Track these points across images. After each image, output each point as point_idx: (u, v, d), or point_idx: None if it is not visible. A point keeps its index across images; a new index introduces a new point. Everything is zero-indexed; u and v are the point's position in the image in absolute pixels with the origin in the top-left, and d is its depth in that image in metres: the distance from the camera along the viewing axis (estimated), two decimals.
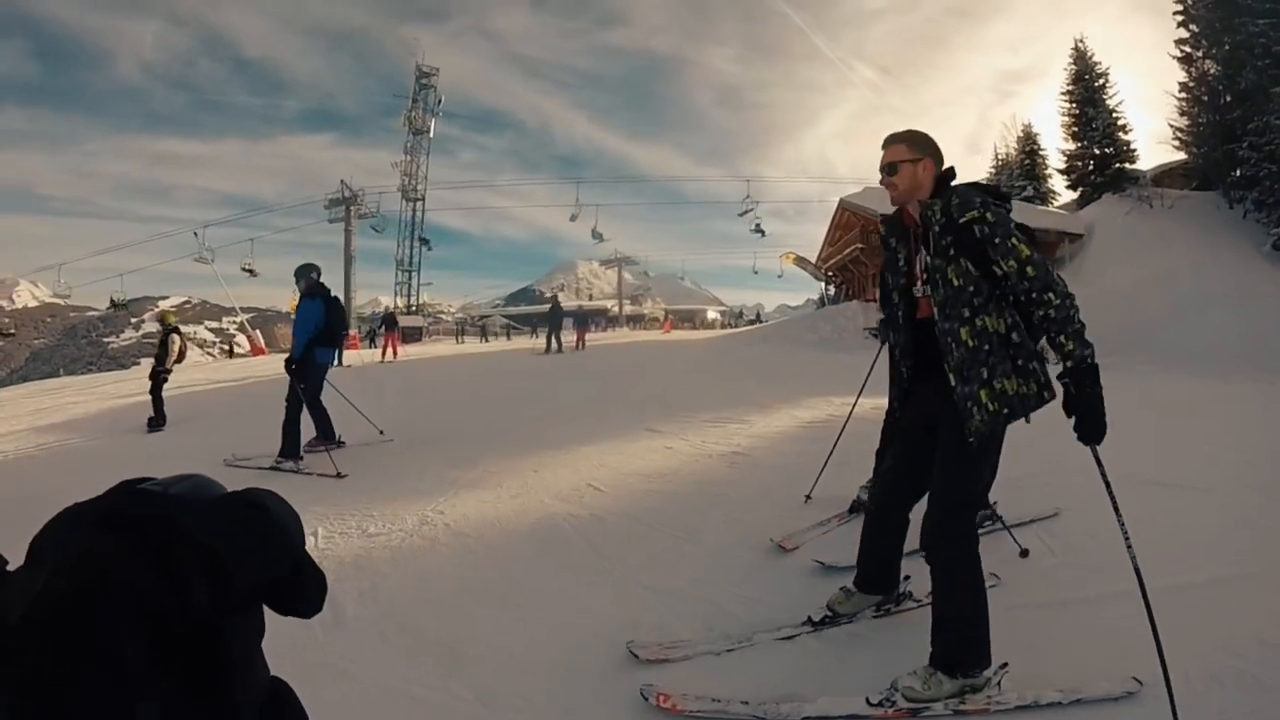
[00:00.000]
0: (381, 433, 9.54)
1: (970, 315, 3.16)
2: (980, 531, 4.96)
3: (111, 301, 56.52)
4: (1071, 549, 4.72)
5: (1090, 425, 3.10)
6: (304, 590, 1.08)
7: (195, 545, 0.87)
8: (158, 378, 12.17)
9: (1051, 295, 3.03)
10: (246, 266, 54.97)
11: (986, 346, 3.15)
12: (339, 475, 7.19)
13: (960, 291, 3.17)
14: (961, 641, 3.20)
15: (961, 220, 3.15)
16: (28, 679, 0.70)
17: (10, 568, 0.83)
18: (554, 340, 26.46)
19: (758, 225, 55.38)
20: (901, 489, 3.76)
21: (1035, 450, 7.33)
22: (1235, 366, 17.45)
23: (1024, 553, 4.72)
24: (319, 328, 8.45)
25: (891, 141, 3.43)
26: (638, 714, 3.14)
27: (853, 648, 3.60)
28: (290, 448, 8.04)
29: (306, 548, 1.12)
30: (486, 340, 54.95)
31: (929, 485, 3.46)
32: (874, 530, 3.90)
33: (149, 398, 12.01)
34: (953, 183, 3.38)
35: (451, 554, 5.06)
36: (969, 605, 3.22)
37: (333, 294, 8.81)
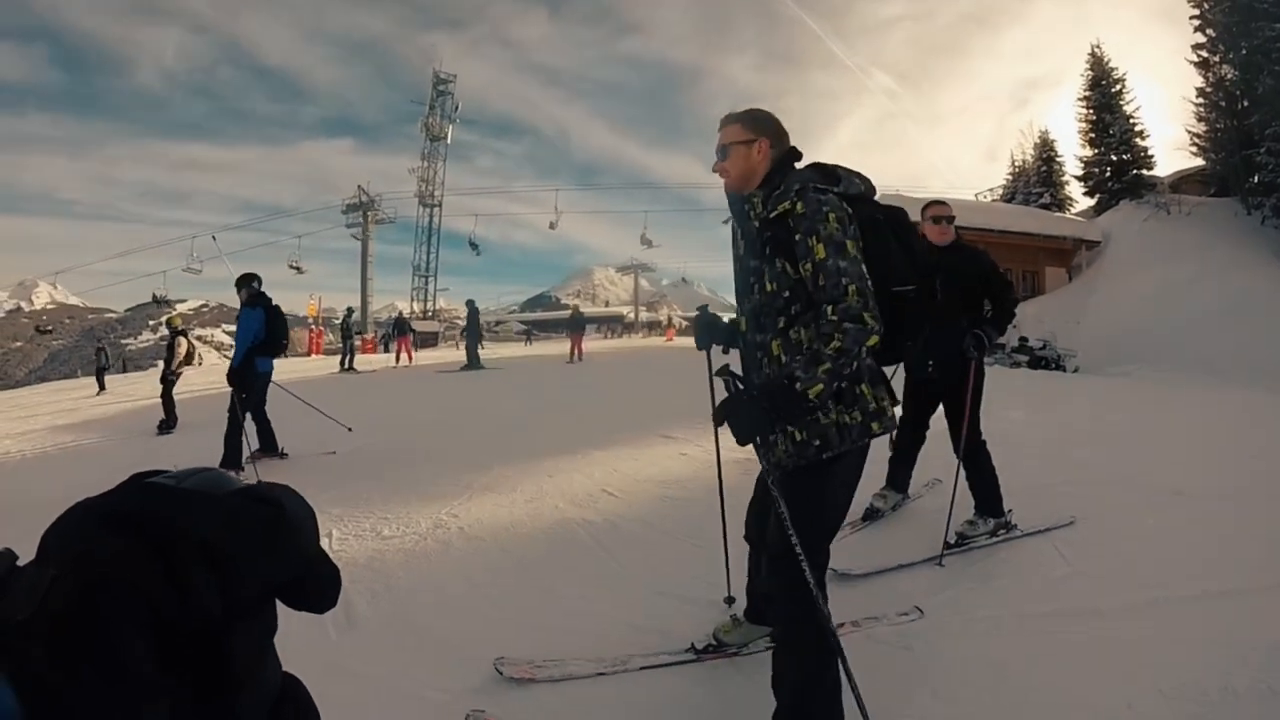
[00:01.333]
0: (350, 430, 9.62)
1: (785, 326, 2.75)
2: (994, 540, 4.98)
3: (154, 297, 56.71)
4: (1085, 558, 4.69)
5: (734, 425, 2.63)
6: (318, 587, 1.08)
7: (204, 544, 0.87)
8: (166, 380, 12.28)
9: (830, 310, 2.51)
10: (294, 264, 55.40)
11: None
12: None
13: (774, 298, 2.75)
14: (788, 713, 2.80)
15: (773, 214, 2.71)
16: (33, 677, 0.70)
17: (20, 563, 0.83)
18: (577, 351, 26.24)
19: (644, 236, 55.53)
20: (764, 521, 3.26)
21: (1052, 459, 7.33)
22: (1255, 376, 17.30)
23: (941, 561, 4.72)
24: (259, 338, 8.49)
25: (726, 122, 2.97)
26: (652, 717, 3.15)
27: (733, 679, 3.45)
28: (231, 458, 8.04)
29: (321, 544, 1.11)
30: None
31: None
32: (752, 563, 3.69)
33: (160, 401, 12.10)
34: (798, 165, 2.93)
35: (464, 557, 5.06)
36: (797, 674, 2.80)
37: (274, 303, 8.85)
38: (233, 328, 9.14)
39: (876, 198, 2.91)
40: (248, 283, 8.80)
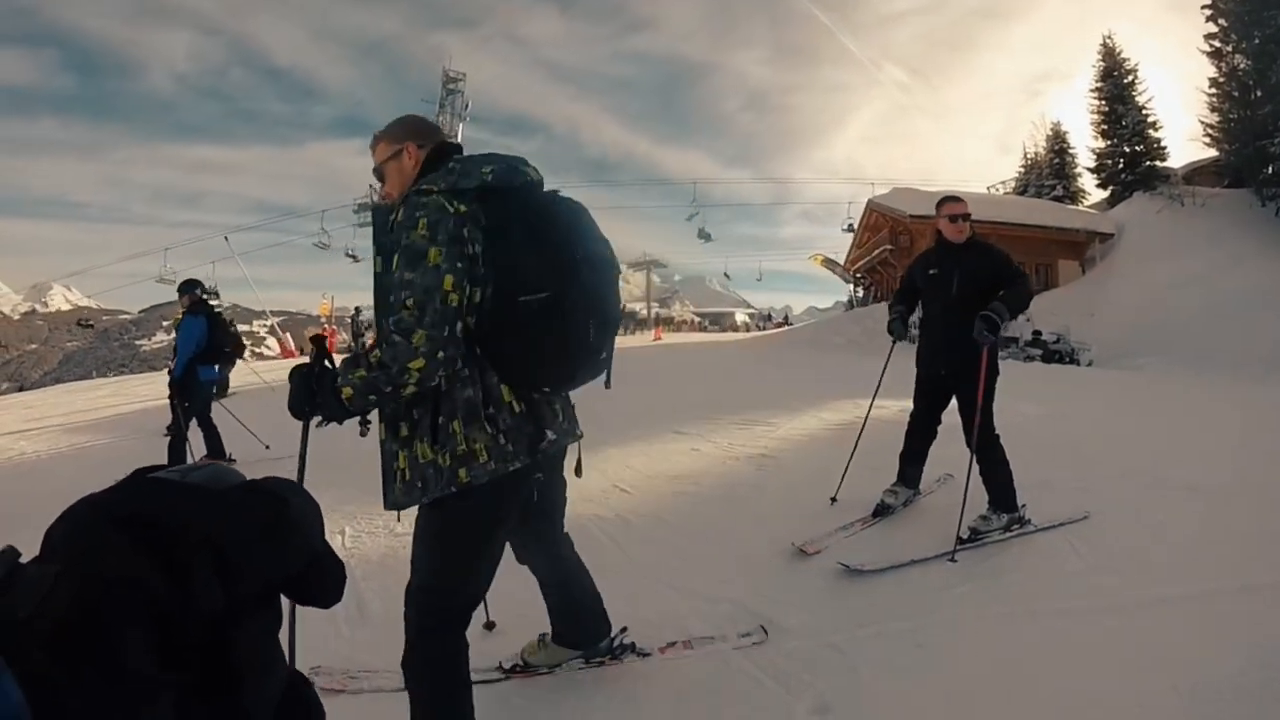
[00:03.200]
0: (267, 447, 9.18)
1: None
2: (1007, 535, 4.97)
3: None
4: (1100, 553, 4.67)
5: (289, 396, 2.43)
6: (322, 581, 1.08)
7: (207, 539, 0.87)
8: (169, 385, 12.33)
9: (387, 322, 2.32)
10: (350, 252, 55.36)
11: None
12: None
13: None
14: None
15: (391, 225, 2.47)
16: (34, 676, 0.70)
17: (23, 560, 0.83)
18: None
19: (702, 230, 55.12)
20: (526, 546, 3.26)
21: (1066, 453, 7.31)
22: (1269, 369, 17.21)
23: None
24: (201, 345, 8.41)
25: (374, 143, 2.78)
26: (648, 713, 3.16)
27: (541, 700, 3.36)
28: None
29: (326, 539, 1.10)
30: None
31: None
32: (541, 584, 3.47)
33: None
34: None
35: None
36: (428, 707, 2.65)
37: (217, 310, 8.82)
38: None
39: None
40: (190, 289, 8.74)
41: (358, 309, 27.20)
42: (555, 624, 3.41)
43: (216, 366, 8.96)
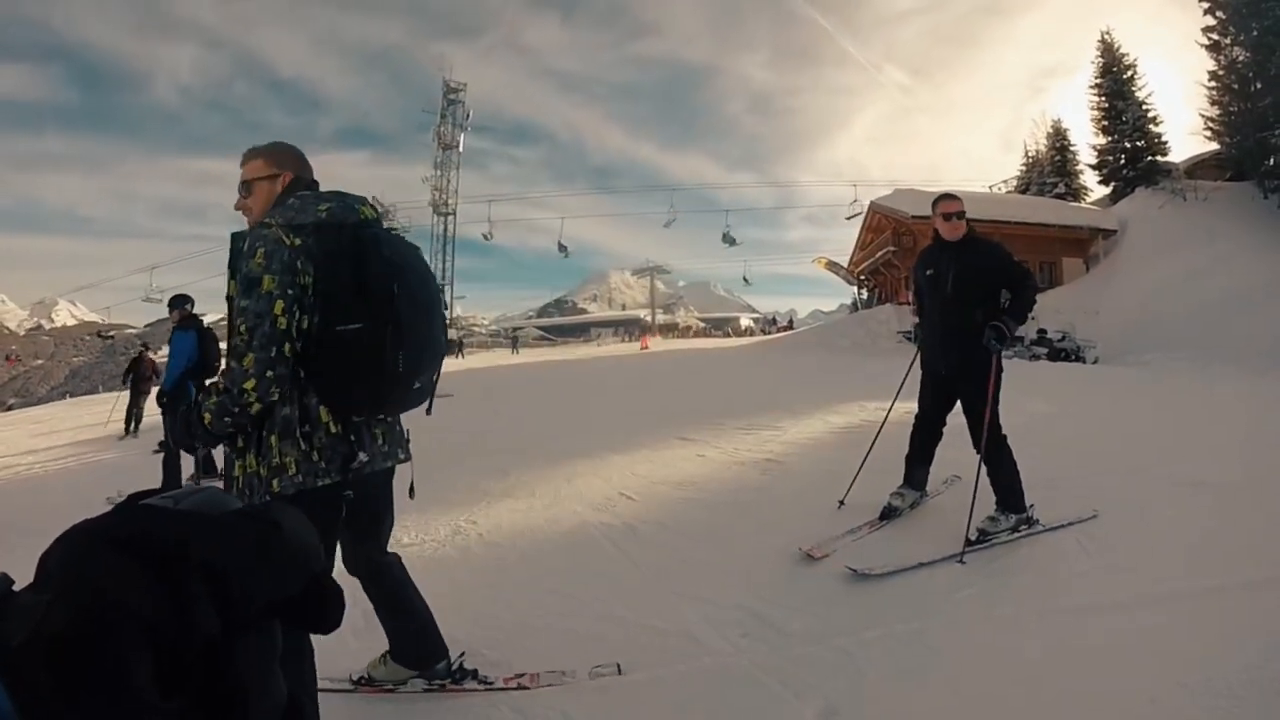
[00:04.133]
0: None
1: None
2: (1016, 536, 4.96)
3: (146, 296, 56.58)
4: (1109, 552, 4.66)
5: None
6: (320, 606, 1.07)
7: (202, 564, 0.86)
8: (158, 400, 12.41)
9: (230, 359, 2.48)
10: None
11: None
12: None
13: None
14: None
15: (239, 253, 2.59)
16: (28, 702, 0.69)
17: (17, 587, 0.83)
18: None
19: (727, 234, 55.21)
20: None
21: (1074, 451, 7.30)
22: (1274, 362, 17.16)
23: None
24: (192, 360, 8.31)
25: (249, 156, 2.88)
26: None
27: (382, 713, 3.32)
28: (170, 483, 7.69)
29: (324, 563, 1.09)
30: (517, 351, 54.90)
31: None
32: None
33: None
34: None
35: (484, 563, 5.08)
36: None
37: (206, 326, 8.69)
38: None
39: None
40: (180, 305, 8.63)
41: None
42: (390, 642, 3.42)
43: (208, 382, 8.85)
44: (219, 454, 8.73)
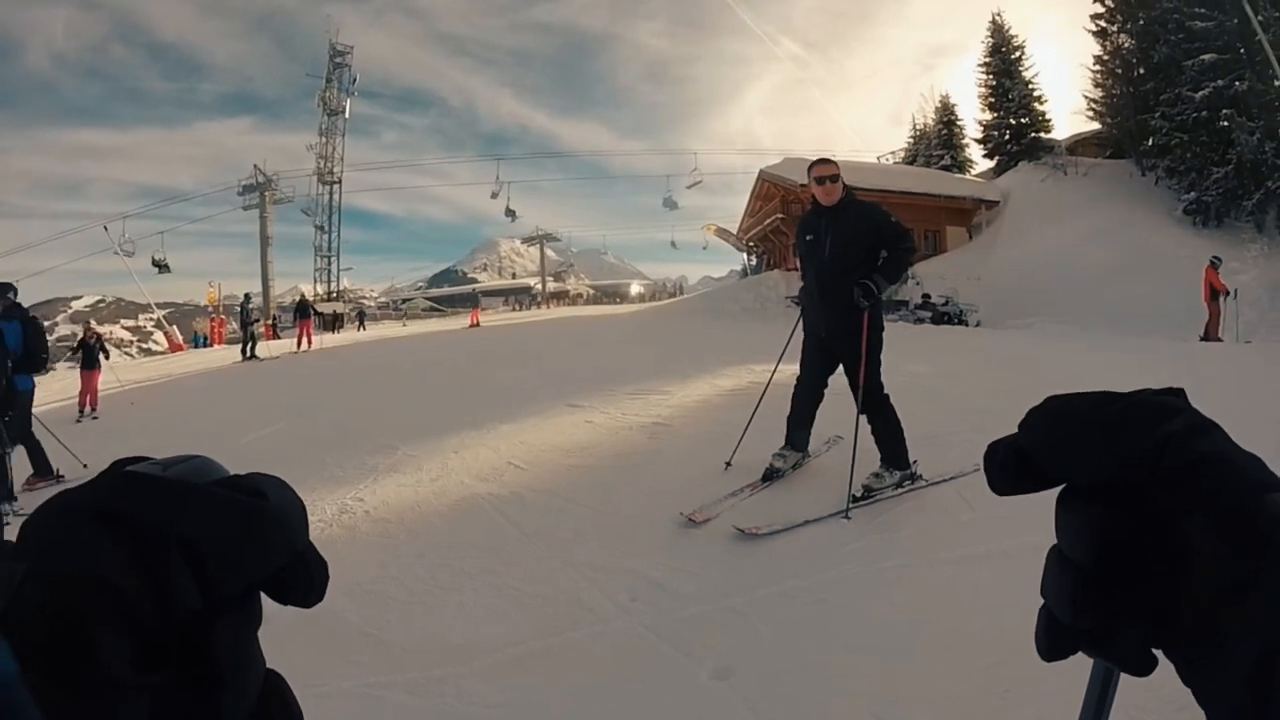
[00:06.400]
0: (85, 466, 8.10)
1: None
2: (900, 491, 5.03)
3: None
4: (990, 503, 4.73)
5: None
6: (303, 580, 0.98)
7: (184, 537, 0.78)
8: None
9: None
10: (158, 260, 53.31)
11: None
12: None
13: None
14: None
15: None
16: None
17: None
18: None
19: (669, 199, 55.67)
20: None
21: (956, 409, 7.46)
22: (1151, 325, 17.96)
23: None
24: (18, 353, 7.72)
25: None
26: (557, 693, 3.11)
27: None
28: (1, 493, 7.09)
29: (309, 536, 1.01)
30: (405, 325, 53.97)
31: None
32: None
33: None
34: None
35: (371, 541, 4.97)
36: None
37: (31, 315, 8.14)
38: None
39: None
40: (3, 293, 7.97)
41: (247, 295, 26.37)
42: None
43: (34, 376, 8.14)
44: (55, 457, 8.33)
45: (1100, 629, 0.46)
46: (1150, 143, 31.66)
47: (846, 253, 5.14)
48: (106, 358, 14.41)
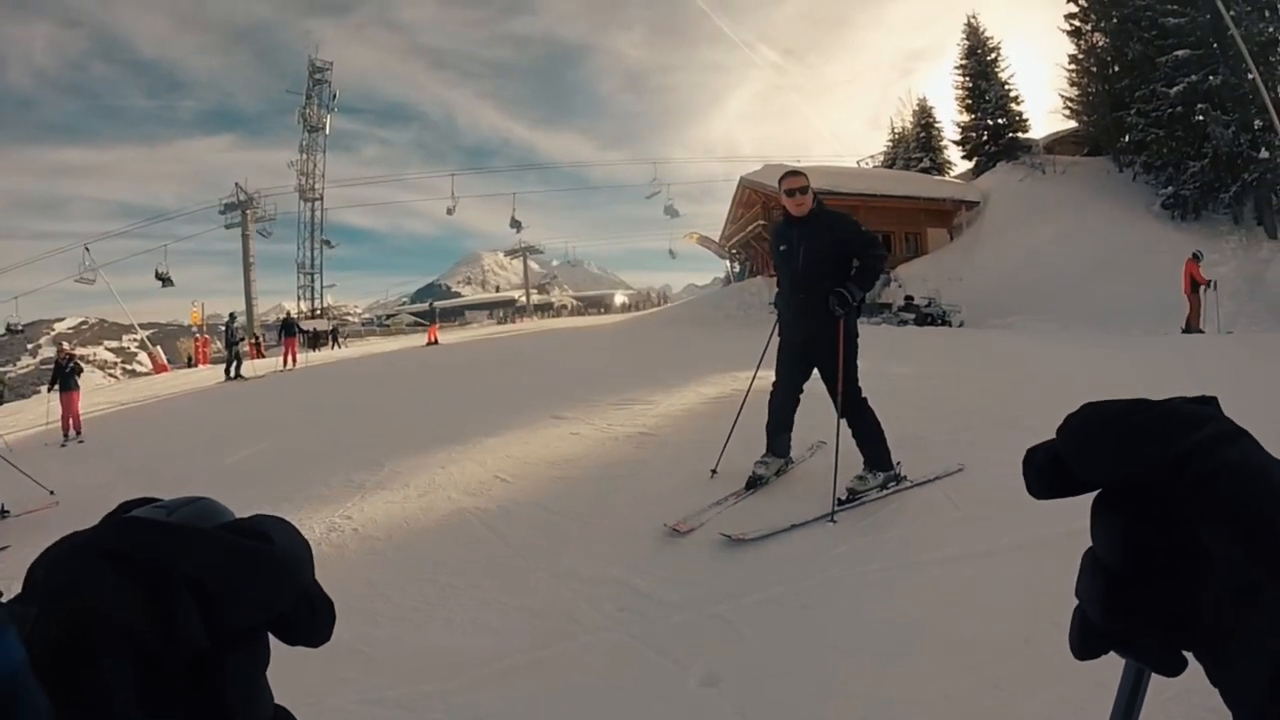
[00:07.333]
0: (51, 493, 7.98)
1: None
2: (885, 493, 5.05)
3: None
4: (974, 503, 4.77)
5: None
6: (310, 620, 0.99)
7: (191, 579, 0.79)
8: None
9: None
10: (161, 274, 52.72)
11: None
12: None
13: None
14: None
15: None
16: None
17: (4, 600, 0.74)
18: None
19: (670, 207, 55.78)
20: None
21: (940, 409, 7.48)
22: (1132, 321, 18.07)
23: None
24: None
25: None
26: (546, 705, 3.11)
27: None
28: None
29: (314, 577, 1.02)
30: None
31: None
32: None
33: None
34: None
35: (359, 559, 4.97)
36: None
37: None
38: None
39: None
40: None
41: (232, 315, 26.14)
42: None
43: None
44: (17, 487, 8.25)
45: (1130, 630, 0.48)
46: (1127, 139, 31.98)
47: (819, 263, 5.19)
48: (78, 375, 14.20)
